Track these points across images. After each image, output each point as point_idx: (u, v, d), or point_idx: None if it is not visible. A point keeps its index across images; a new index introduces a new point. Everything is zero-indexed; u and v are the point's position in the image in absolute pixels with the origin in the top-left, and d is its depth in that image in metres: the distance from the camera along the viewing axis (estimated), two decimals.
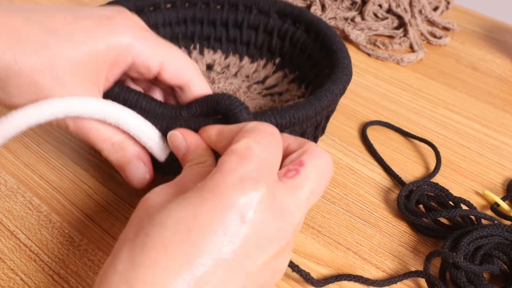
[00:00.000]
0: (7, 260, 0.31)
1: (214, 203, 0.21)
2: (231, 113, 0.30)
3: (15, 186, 0.36)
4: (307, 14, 0.43)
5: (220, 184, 0.22)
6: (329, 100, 0.34)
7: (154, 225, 0.21)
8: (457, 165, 0.44)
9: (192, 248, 0.20)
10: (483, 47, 0.64)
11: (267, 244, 0.22)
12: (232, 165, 0.23)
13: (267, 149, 0.24)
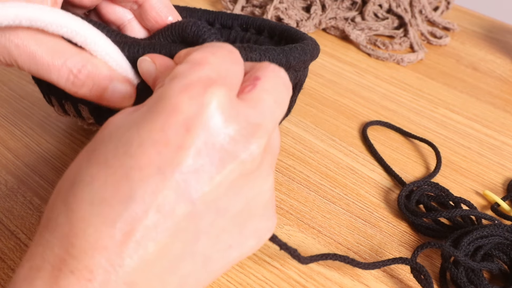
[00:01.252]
0: (8, 260, 0.31)
1: (157, 111, 0.19)
2: (200, 40, 0.28)
3: (16, 186, 0.36)
4: (270, 22, 0.42)
5: (166, 90, 0.20)
6: (299, 52, 0.32)
7: (102, 141, 0.20)
8: (457, 165, 0.44)
9: (132, 160, 0.19)
10: (483, 47, 0.64)
11: (223, 158, 0.19)
12: (182, 71, 0.20)
13: (224, 61, 0.21)
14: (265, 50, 0.30)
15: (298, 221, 0.36)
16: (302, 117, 0.47)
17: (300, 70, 0.33)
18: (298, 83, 0.35)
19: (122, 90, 0.28)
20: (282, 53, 0.30)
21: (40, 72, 0.26)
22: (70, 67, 0.26)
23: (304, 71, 0.35)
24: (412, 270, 0.32)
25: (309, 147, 0.43)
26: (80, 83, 0.27)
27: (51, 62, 0.26)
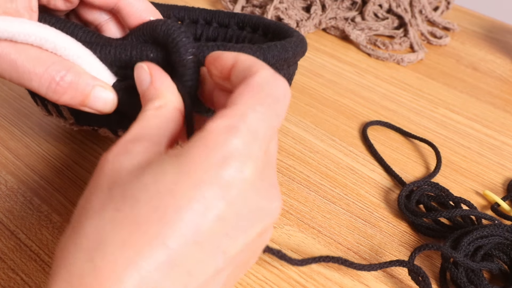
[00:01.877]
0: (8, 260, 0.31)
1: (195, 179, 0.19)
2: (169, 39, 0.27)
3: (16, 186, 0.36)
4: (265, 20, 0.42)
5: (202, 158, 0.19)
6: (278, 50, 0.31)
7: (125, 199, 0.19)
8: (457, 165, 0.44)
9: (167, 228, 0.18)
10: (483, 47, 0.64)
11: (250, 225, 0.20)
12: (220, 136, 0.20)
13: (263, 119, 0.21)
14: (241, 48, 0.29)
15: (298, 221, 0.36)
16: (302, 117, 0.47)
17: (282, 68, 0.33)
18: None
19: (104, 96, 0.28)
20: (259, 51, 0.30)
21: (21, 80, 0.26)
22: (52, 75, 0.26)
23: (289, 69, 0.34)
24: (410, 272, 0.32)
25: (309, 147, 0.43)
26: (61, 91, 0.27)
27: (32, 70, 0.26)
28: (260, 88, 0.21)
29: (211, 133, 0.20)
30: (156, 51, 0.28)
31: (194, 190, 0.19)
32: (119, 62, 0.28)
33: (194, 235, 0.19)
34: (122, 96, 0.29)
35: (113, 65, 0.29)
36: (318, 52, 0.58)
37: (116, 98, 0.28)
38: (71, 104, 0.27)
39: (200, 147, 0.20)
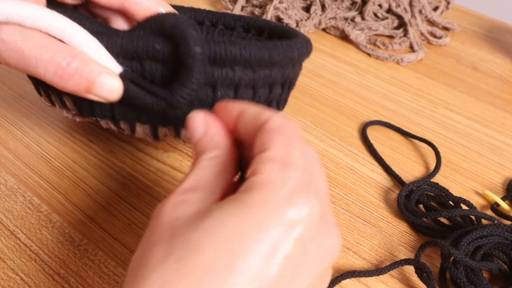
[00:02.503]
0: (7, 260, 0.31)
1: (260, 222, 0.19)
2: (177, 31, 0.27)
3: (15, 186, 0.36)
4: (270, 23, 0.42)
5: (265, 199, 0.19)
6: (284, 49, 0.31)
7: (188, 248, 0.19)
8: (457, 165, 0.44)
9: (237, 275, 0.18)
10: (483, 47, 0.64)
11: (315, 264, 0.20)
12: (278, 175, 0.20)
13: (302, 153, 0.22)
14: (247, 44, 0.29)
15: None
16: (302, 117, 0.47)
17: (287, 67, 0.33)
18: (287, 80, 0.34)
19: (110, 84, 0.28)
20: (264, 48, 0.30)
21: (27, 67, 0.26)
22: (58, 61, 0.26)
23: (294, 68, 0.34)
24: (416, 269, 0.32)
25: None
26: (67, 77, 0.26)
27: (39, 57, 0.26)
28: (283, 129, 0.22)
29: (267, 175, 0.20)
30: (163, 43, 0.28)
31: (261, 233, 0.19)
32: (125, 52, 0.28)
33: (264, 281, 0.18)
34: (128, 86, 0.28)
35: (119, 55, 0.29)
36: (318, 52, 0.58)
37: (122, 87, 0.28)
38: (77, 91, 0.27)
39: (260, 189, 0.20)
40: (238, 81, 0.30)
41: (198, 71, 0.28)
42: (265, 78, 0.32)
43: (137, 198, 0.37)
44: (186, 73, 0.28)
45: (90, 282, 0.31)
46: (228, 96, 0.31)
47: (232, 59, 0.29)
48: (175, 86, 0.29)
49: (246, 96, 0.32)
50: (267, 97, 0.33)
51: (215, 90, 0.30)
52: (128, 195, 0.37)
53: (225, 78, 0.30)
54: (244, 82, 0.31)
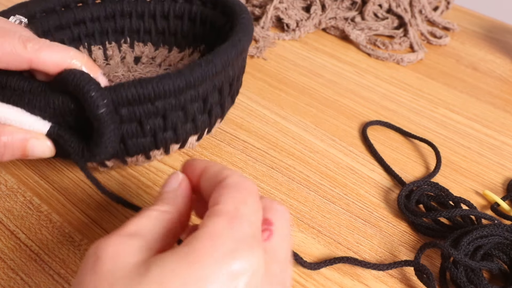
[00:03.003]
0: (8, 260, 0.31)
1: (205, 271, 0.19)
2: (80, 94, 0.28)
3: (15, 186, 0.36)
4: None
5: (210, 250, 0.20)
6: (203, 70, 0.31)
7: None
8: (457, 165, 0.44)
9: None
10: (483, 47, 0.64)
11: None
12: (223, 228, 0.20)
13: (253, 210, 0.22)
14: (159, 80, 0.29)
15: (298, 221, 0.36)
16: (302, 117, 0.47)
17: (217, 77, 0.33)
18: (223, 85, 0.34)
19: (40, 145, 0.30)
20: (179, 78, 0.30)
21: None
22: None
23: (228, 71, 0.34)
24: (416, 271, 0.32)
25: (309, 147, 0.43)
26: (1, 153, 0.29)
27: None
28: (238, 187, 0.23)
29: (213, 227, 0.21)
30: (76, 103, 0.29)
31: (205, 283, 0.19)
32: (48, 112, 0.29)
33: None
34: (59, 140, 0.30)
35: (44, 113, 0.29)
36: (318, 52, 0.58)
37: (51, 144, 0.30)
38: (16, 158, 0.30)
39: (206, 241, 0.20)
40: (163, 111, 0.31)
41: (107, 130, 0.29)
42: (193, 99, 0.32)
43: (137, 198, 0.37)
44: (98, 134, 0.29)
45: None
46: (158, 124, 0.31)
47: (147, 98, 0.29)
48: (92, 146, 0.29)
49: (177, 119, 0.32)
50: (203, 109, 0.34)
51: (142, 124, 0.31)
52: (128, 196, 0.37)
53: (148, 113, 0.30)
54: (169, 110, 0.31)
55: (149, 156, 0.34)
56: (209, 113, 0.35)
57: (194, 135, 0.35)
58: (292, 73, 0.53)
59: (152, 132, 0.32)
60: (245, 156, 0.41)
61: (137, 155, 0.33)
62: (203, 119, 0.34)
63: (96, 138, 0.29)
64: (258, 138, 0.44)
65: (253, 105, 0.48)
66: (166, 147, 0.34)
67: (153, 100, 0.30)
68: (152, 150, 0.33)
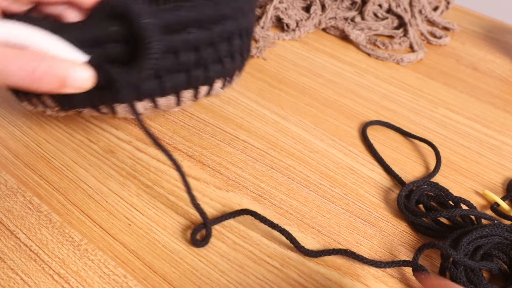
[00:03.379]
0: (7, 260, 0.31)
1: None
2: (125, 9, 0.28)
3: (15, 186, 0.36)
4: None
5: None
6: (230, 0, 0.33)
7: None
8: (457, 165, 0.44)
9: None
10: (483, 47, 0.64)
11: None
12: None
13: None
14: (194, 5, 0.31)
15: (298, 221, 0.36)
16: (302, 117, 0.47)
17: (239, 17, 0.35)
18: (243, 30, 0.36)
19: (80, 75, 0.29)
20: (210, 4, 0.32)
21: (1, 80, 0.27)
22: (27, 68, 0.27)
23: (247, 17, 0.36)
24: (414, 271, 0.32)
25: (309, 147, 0.43)
26: (39, 80, 0.28)
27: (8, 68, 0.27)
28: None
29: None
30: (117, 24, 0.29)
31: None
32: (86, 42, 0.29)
33: None
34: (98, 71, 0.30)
35: (82, 46, 0.30)
36: (318, 52, 0.58)
37: (92, 73, 0.29)
38: (52, 90, 0.29)
39: None
40: (197, 41, 0.32)
41: (154, 39, 0.29)
42: (221, 33, 0.33)
43: (137, 198, 0.37)
44: (145, 45, 0.29)
45: (90, 282, 0.31)
46: (192, 58, 0.33)
47: (184, 22, 0.31)
48: (139, 59, 0.30)
49: (208, 54, 0.34)
50: (228, 51, 0.35)
51: (178, 56, 0.32)
52: (128, 195, 0.37)
53: (184, 42, 0.32)
54: (202, 41, 0.33)
55: (180, 99, 0.35)
56: (232, 57, 0.36)
57: (220, 78, 0.36)
58: (292, 73, 0.53)
59: (185, 67, 0.33)
60: (245, 156, 0.41)
61: (170, 94, 0.34)
62: (227, 62, 0.36)
63: (144, 49, 0.29)
64: (258, 138, 0.44)
65: (253, 105, 0.48)
66: (197, 87, 0.35)
67: (188, 26, 0.31)
68: (184, 90, 0.34)
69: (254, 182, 0.39)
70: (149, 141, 0.41)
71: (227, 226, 0.35)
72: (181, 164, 0.40)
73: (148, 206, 0.36)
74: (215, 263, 0.33)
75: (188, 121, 0.44)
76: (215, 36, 0.33)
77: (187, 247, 0.33)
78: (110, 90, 0.31)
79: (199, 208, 0.33)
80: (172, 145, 0.41)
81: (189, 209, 0.36)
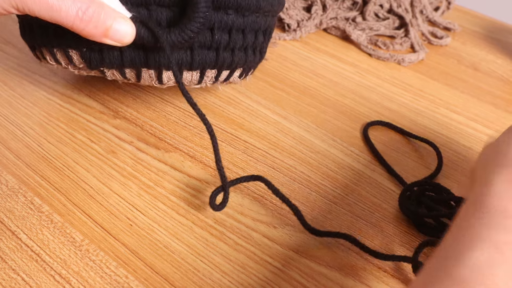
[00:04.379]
0: (9, 260, 0.31)
1: None
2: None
3: (16, 186, 0.36)
4: None
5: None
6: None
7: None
8: (458, 165, 0.44)
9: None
10: (484, 47, 0.64)
11: None
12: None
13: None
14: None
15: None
16: (303, 117, 0.47)
17: (268, 16, 0.37)
18: (267, 28, 0.38)
19: (124, 28, 0.31)
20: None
21: (50, 13, 0.29)
22: (78, 6, 0.29)
23: (272, 18, 0.38)
24: (413, 268, 0.33)
25: (310, 147, 0.43)
26: (87, 20, 0.30)
27: (62, 3, 0.29)
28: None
29: None
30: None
31: None
32: (134, 1, 0.31)
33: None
34: (139, 29, 0.31)
35: (128, 2, 0.31)
36: (319, 52, 0.58)
37: (134, 30, 0.31)
38: (95, 35, 0.31)
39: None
40: (232, 24, 0.34)
41: (204, 5, 0.31)
42: (253, 23, 0.36)
43: (138, 198, 0.36)
44: (193, 8, 0.31)
45: (92, 282, 0.31)
46: (224, 39, 0.34)
47: (227, 2, 0.32)
48: (184, 21, 0.31)
49: (237, 40, 0.35)
50: (253, 43, 0.37)
51: (213, 33, 0.34)
52: (130, 195, 0.37)
53: (220, 21, 0.33)
54: (236, 25, 0.34)
55: (203, 77, 0.36)
56: (254, 50, 0.38)
57: (241, 67, 0.38)
58: (293, 73, 0.53)
59: (216, 45, 0.34)
60: (246, 157, 0.41)
61: (197, 70, 0.35)
62: (250, 54, 0.38)
63: (191, 13, 0.31)
64: (259, 138, 0.43)
65: (254, 105, 0.47)
66: (221, 69, 0.37)
67: (228, 8, 0.33)
68: (210, 69, 0.36)
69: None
70: (153, 140, 0.41)
71: (228, 226, 0.35)
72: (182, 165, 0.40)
73: (150, 206, 0.36)
74: (217, 264, 0.33)
75: (190, 122, 0.44)
76: (247, 25, 0.35)
77: (189, 247, 0.33)
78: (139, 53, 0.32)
79: (222, 169, 0.34)
80: (173, 145, 0.41)
81: (190, 209, 0.36)
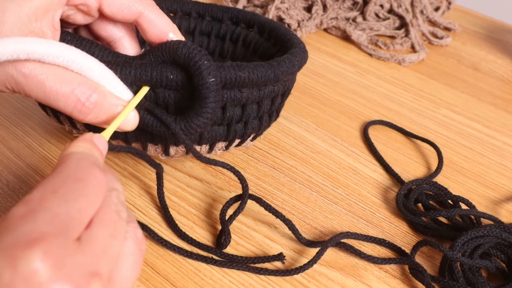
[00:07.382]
0: None
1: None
2: (191, 63, 0.28)
3: (17, 186, 0.36)
4: (260, 17, 0.43)
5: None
6: (287, 65, 0.33)
7: None
8: (459, 165, 0.44)
9: None
10: (484, 47, 0.64)
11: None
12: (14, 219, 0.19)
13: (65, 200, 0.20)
14: (254, 67, 0.31)
15: (300, 221, 0.36)
16: (304, 117, 0.47)
17: (288, 80, 0.35)
18: (286, 91, 0.36)
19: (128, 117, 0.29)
20: (270, 69, 0.32)
21: (47, 100, 0.27)
22: (78, 96, 0.27)
23: (292, 78, 0.36)
24: (410, 268, 0.33)
25: (310, 148, 0.43)
26: (87, 111, 0.27)
27: (59, 90, 0.26)
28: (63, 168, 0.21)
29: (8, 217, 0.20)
30: (176, 72, 0.29)
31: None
32: (139, 82, 0.29)
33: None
34: (143, 115, 0.29)
35: (133, 85, 0.29)
36: (320, 52, 0.58)
37: (137, 117, 0.29)
38: (95, 123, 0.28)
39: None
40: (246, 101, 0.32)
41: (213, 100, 0.29)
42: (269, 94, 0.33)
43: (139, 198, 0.37)
44: (201, 103, 0.29)
45: None
46: (236, 114, 0.33)
47: (241, 82, 0.30)
48: (191, 115, 0.29)
49: (251, 111, 0.33)
50: (269, 109, 0.35)
51: (225, 110, 0.32)
52: (130, 195, 0.37)
53: (233, 99, 0.31)
54: (250, 100, 0.32)
55: (213, 147, 0.35)
56: (270, 115, 0.36)
57: (254, 133, 0.36)
58: None
59: (228, 121, 0.33)
60: (247, 157, 0.41)
61: (206, 144, 0.34)
62: (265, 120, 0.36)
63: (198, 107, 0.29)
64: (259, 139, 0.44)
65: None
66: (232, 140, 0.35)
67: (243, 86, 0.31)
68: (220, 142, 0.34)
69: (257, 182, 0.39)
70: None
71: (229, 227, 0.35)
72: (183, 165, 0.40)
73: (150, 206, 0.36)
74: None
75: None
76: (264, 96, 0.33)
77: (189, 247, 0.33)
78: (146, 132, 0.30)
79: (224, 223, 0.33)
80: None
81: (190, 209, 0.36)
